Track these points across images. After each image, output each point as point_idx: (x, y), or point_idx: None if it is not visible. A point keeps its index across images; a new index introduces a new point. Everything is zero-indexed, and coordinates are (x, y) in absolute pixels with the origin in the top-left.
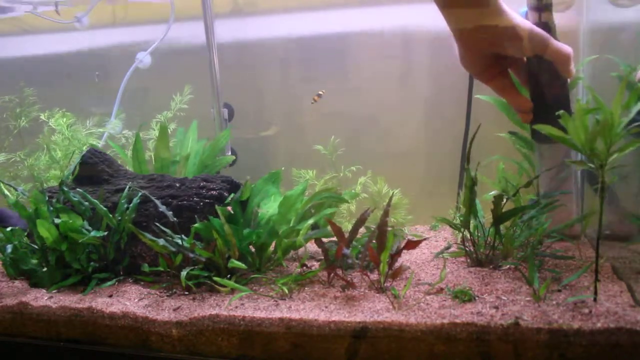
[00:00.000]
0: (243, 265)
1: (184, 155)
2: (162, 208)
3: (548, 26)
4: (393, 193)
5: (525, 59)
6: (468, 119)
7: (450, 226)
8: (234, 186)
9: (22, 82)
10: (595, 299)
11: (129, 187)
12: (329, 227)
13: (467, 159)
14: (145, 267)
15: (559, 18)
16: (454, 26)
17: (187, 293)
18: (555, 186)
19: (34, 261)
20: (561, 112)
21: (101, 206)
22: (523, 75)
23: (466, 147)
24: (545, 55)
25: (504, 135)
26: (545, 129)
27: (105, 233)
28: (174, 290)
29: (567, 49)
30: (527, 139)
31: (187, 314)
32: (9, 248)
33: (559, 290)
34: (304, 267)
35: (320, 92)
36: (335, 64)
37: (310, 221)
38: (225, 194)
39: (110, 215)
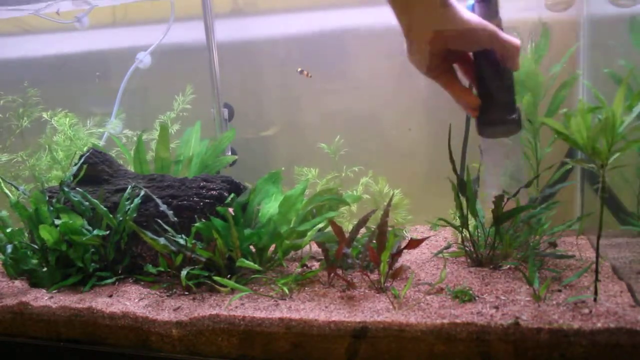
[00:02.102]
0: (254, 265)
1: (187, 155)
2: (163, 207)
3: (495, 19)
4: (393, 193)
5: (471, 55)
6: (468, 119)
7: (451, 226)
8: (234, 186)
9: (25, 82)
10: (595, 299)
11: (131, 187)
12: (329, 228)
13: (451, 160)
14: (149, 268)
15: (558, 16)
16: (402, 22)
17: (187, 293)
18: (501, 181)
19: (34, 261)
20: (564, 110)
21: (101, 206)
22: (470, 71)
23: (466, 147)
24: (495, 48)
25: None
26: (549, 122)
27: (106, 233)
28: (174, 290)
29: (516, 41)
30: (528, 138)
31: (187, 314)
32: (9, 248)
33: (559, 290)
34: (304, 267)
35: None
36: (335, 64)
37: (320, 225)
38: (225, 194)
39: (111, 216)
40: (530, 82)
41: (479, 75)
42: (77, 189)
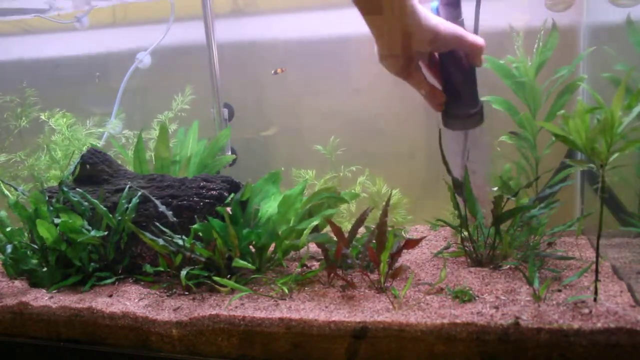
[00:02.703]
0: (249, 265)
1: (185, 156)
2: (162, 208)
3: (460, 20)
4: (391, 193)
5: (437, 54)
6: None
7: (450, 227)
8: (234, 186)
9: (23, 82)
10: (595, 299)
11: (129, 187)
12: (328, 227)
13: (445, 162)
14: (148, 268)
15: (559, 17)
16: (372, 27)
17: (187, 293)
18: (467, 165)
19: (34, 261)
20: (562, 112)
21: (101, 206)
22: (435, 68)
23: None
24: (462, 48)
25: (504, 138)
26: (547, 126)
27: (106, 233)
28: (174, 290)
29: (480, 40)
30: (527, 138)
31: (187, 314)
32: (9, 248)
33: (559, 290)
34: (304, 267)
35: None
36: (335, 64)
37: (315, 222)
38: (225, 194)
39: (110, 215)
40: (528, 89)
41: (445, 72)
42: (77, 189)
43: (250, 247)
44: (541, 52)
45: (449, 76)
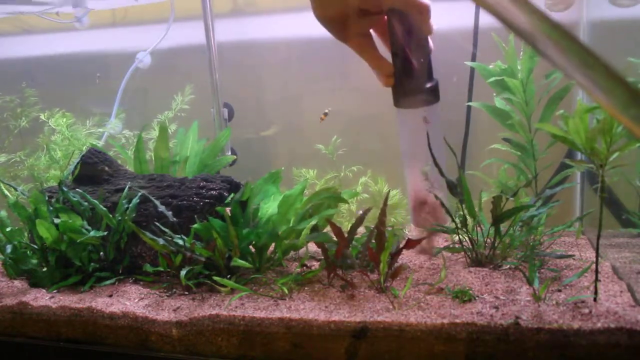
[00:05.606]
0: (247, 264)
1: (184, 156)
2: (162, 208)
3: None
4: (388, 192)
5: (386, 18)
6: (468, 121)
7: (444, 232)
8: (233, 186)
9: (23, 82)
10: (595, 299)
11: (129, 187)
12: (328, 227)
13: (436, 164)
14: (148, 267)
15: (559, 15)
16: None
17: (187, 293)
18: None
19: (34, 261)
20: (562, 112)
21: (101, 206)
22: (385, 37)
23: (466, 148)
24: (401, 6)
25: (497, 145)
26: (546, 127)
27: (105, 233)
28: (174, 290)
29: (425, 1)
30: (520, 143)
31: (187, 314)
32: (9, 248)
33: (559, 290)
34: (304, 267)
35: (327, 111)
36: (335, 64)
37: (313, 222)
38: (225, 194)
39: (110, 215)
40: (516, 99)
41: (392, 40)
42: (77, 188)
43: (250, 247)
44: (529, 58)
45: (397, 43)
